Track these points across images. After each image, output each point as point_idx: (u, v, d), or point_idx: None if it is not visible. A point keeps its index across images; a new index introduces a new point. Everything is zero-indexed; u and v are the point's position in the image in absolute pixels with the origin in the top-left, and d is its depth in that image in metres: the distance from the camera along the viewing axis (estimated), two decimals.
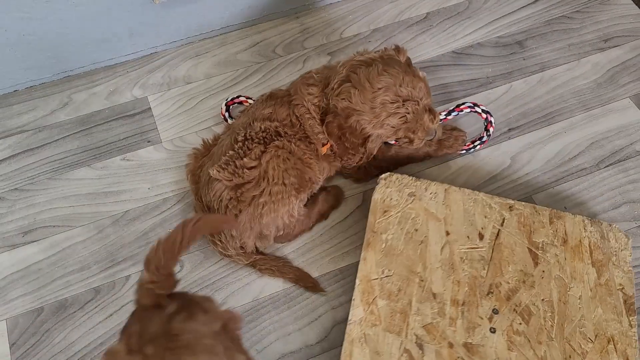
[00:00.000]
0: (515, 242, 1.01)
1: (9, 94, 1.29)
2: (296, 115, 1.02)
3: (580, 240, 1.02)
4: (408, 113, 0.96)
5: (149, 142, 1.22)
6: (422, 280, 0.96)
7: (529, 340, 0.92)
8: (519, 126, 1.22)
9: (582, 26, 1.38)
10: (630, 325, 0.95)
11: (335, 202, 1.12)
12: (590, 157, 1.18)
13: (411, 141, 1.03)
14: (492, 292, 0.96)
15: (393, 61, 0.98)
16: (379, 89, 0.94)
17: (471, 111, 1.20)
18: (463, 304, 0.94)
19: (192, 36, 1.36)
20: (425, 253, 0.99)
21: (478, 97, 1.26)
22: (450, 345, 0.91)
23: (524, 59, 1.32)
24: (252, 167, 0.96)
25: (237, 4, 1.33)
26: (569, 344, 0.92)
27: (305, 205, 1.06)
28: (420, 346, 0.91)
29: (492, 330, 0.92)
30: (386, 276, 0.97)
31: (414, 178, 1.06)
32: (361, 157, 1.03)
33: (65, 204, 1.14)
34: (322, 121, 1.00)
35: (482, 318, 0.93)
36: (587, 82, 1.28)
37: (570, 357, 0.91)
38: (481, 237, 1.01)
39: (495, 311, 0.94)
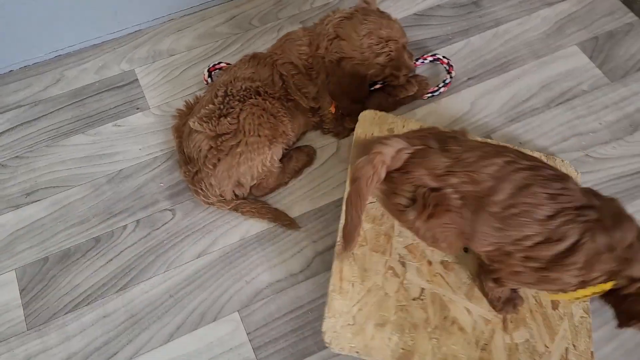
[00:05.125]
0: None
1: (4, 74, 1.38)
2: (280, 74, 1.12)
3: None
4: (392, 51, 1.10)
5: (138, 109, 1.32)
6: None
7: None
8: (477, 75, 1.33)
9: None
10: None
11: (308, 160, 1.20)
12: (541, 99, 1.29)
13: (397, 77, 1.16)
14: None
15: (369, 10, 1.12)
16: (364, 35, 1.08)
17: (433, 59, 1.32)
18: None
19: (174, 13, 1.46)
20: None
21: (440, 52, 1.37)
22: (429, 263, 1.01)
23: (480, 17, 1.44)
24: (231, 123, 1.05)
25: None
26: None
27: (281, 161, 1.15)
28: (403, 264, 1.01)
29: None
30: (370, 202, 1.06)
31: (392, 115, 1.16)
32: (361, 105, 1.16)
33: (63, 167, 1.23)
34: (310, 76, 1.13)
35: None
36: (537, 33, 1.40)
37: None
38: None
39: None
